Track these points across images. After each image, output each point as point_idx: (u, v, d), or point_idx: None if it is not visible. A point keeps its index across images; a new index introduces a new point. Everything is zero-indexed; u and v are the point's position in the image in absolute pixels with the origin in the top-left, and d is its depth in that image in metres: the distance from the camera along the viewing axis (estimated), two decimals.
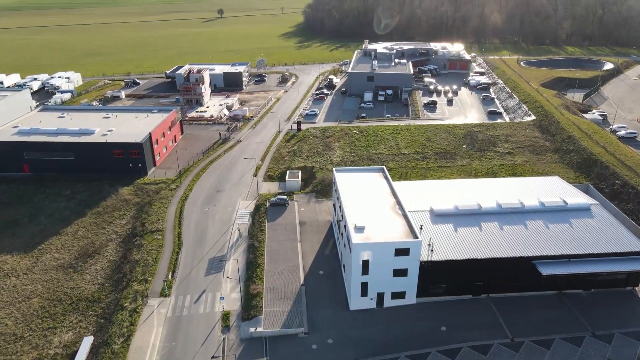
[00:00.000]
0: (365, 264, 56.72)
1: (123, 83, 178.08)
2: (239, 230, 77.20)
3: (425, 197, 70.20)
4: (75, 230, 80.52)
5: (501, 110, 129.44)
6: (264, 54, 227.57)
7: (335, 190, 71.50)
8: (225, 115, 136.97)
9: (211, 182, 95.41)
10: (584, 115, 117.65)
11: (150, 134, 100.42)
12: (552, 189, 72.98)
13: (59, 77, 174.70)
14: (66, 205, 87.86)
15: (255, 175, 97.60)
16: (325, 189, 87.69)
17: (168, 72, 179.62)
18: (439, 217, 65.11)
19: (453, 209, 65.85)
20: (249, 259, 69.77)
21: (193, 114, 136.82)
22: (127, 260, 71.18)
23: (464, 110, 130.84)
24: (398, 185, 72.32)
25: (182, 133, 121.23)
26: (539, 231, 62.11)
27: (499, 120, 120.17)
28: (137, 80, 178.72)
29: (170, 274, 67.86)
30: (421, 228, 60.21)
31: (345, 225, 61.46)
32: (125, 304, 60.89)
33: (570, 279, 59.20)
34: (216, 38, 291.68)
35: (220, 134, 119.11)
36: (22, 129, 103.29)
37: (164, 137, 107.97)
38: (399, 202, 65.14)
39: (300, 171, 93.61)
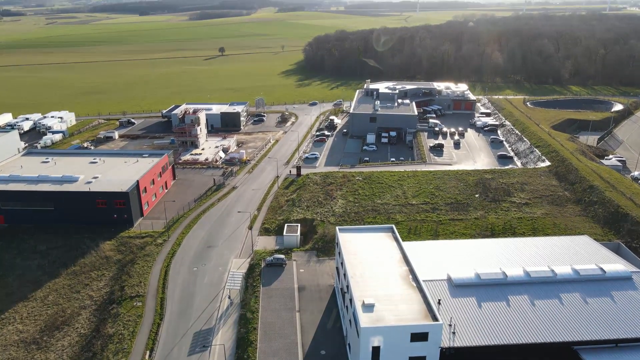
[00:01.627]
0: (376, 351, 47.81)
1: (117, 123, 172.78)
2: (229, 297, 68.27)
3: (441, 261, 61.85)
4: (45, 294, 71.58)
5: (512, 154, 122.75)
6: (264, 93, 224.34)
7: (339, 253, 63.22)
8: (221, 158, 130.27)
9: (202, 236, 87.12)
10: (602, 161, 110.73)
11: (137, 181, 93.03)
12: (583, 251, 64.77)
13: (52, 116, 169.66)
14: (39, 264, 79.25)
15: (251, 227, 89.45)
16: (327, 246, 79.36)
17: (164, 111, 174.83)
18: (458, 288, 56.52)
19: (474, 279, 57.36)
20: (240, 334, 60.57)
21: (187, 156, 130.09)
22: (100, 334, 61.94)
23: (472, 154, 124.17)
24: (409, 246, 64.11)
25: (174, 178, 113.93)
26: (576, 307, 53.42)
27: (510, 166, 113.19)
28: (132, 120, 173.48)
29: (147, 353, 58.49)
30: (439, 303, 51.67)
31: (351, 300, 52.84)
32: None
33: None
34: (216, 76, 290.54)
35: (214, 179, 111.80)
36: (0, 176, 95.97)
37: (153, 184, 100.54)
38: (412, 271, 56.72)
39: (299, 224, 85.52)
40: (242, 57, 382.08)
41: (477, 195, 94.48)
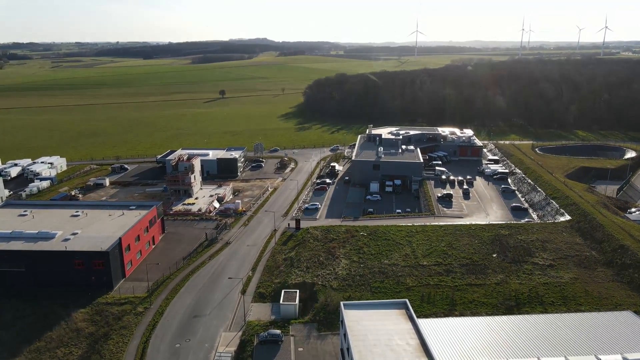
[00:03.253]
0: None
1: (110, 169, 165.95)
2: None
3: (466, 347, 52.20)
4: None
5: (526, 205, 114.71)
6: (263, 136, 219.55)
7: (344, 334, 53.73)
8: (215, 208, 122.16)
9: (188, 302, 77.45)
10: (626, 214, 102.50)
11: (120, 239, 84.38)
12: (629, 331, 55.33)
13: (42, 162, 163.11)
14: (0, 337, 69.12)
15: (244, 292, 79.95)
16: (329, 318, 69.68)
17: (159, 157, 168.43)
18: None
19: None
20: None
21: (179, 207, 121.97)
22: None
23: (484, 206, 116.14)
24: (426, 325, 54.75)
25: (163, 232, 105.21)
26: None
27: (526, 220, 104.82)
28: (125, 166, 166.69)
29: None
30: None
31: None
32: None
33: None
34: (216, 119, 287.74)
35: (206, 233, 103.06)
36: None
37: (138, 240, 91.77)
38: None
39: (297, 291, 76.04)
40: (243, 100, 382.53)
41: (494, 255, 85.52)
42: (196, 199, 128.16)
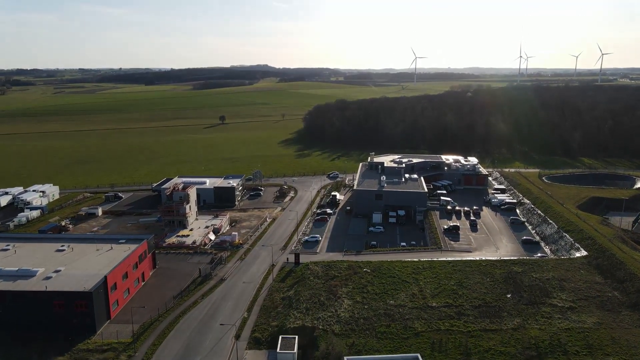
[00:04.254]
0: None
1: (103, 197, 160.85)
2: None
3: None
4: None
5: (537, 238, 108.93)
6: (262, 163, 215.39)
7: None
8: (210, 240, 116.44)
9: (177, 349, 70.83)
10: None
11: (105, 277, 78.47)
12: None
13: (34, 190, 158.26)
14: None
15: (238, 337, 73.45)
16: None
17: (154, 185, 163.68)
18: None
19: None
20: None
21: (173, 239, 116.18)
22: None
23: (493, 238, 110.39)
24: None
25: (154, 267, 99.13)
26: None
27: (539, 254, 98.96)
28: (120, 194, 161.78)
29: None
30: None
31: None
32: None
33: None
34: (215, 145, 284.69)
35: (200, 269, 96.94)
36: None
37: (126, 277, 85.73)
38: None
39: (296, 337, 69.54)
40: (243, 126, 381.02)
41: (509, 296, 79.35)
42: (191, 230, 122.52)
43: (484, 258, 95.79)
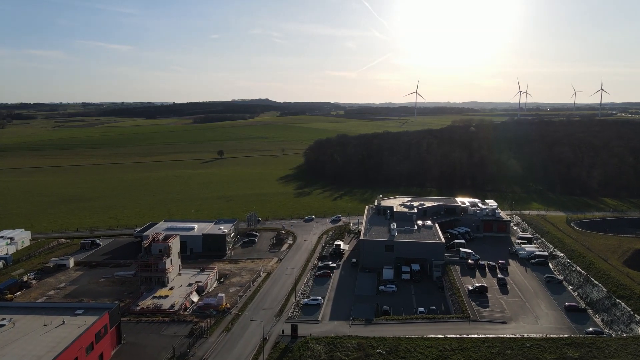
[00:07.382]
0: None
1: (80, 244, 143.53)
2: None
3: None
4: None
5: (583, 305, 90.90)
6: (259, 203, 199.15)
7: None
8: (193, 303, 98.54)
9: None
10: None
11: None
12: None
13: (1, 237, 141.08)
14: None
15: None
16: None
17: (137, 230, 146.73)
18: None
19: None
20: None
21: (148, 301, 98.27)
22: None
23: (528, 303, 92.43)
24: None
25: (118, 343, 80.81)
26: None
27: (592, 329, 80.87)
28: (97, 241, 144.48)
29: None
30: None
31: None
32: None
33: None
34: (210, 181, 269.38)
35: (173, 348, 78.70)
36: None
37: None
38: None
39: None
40: (242, 161, 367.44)
41: None
42: (171, 289, 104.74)
43: (525, 335, 77.71)
